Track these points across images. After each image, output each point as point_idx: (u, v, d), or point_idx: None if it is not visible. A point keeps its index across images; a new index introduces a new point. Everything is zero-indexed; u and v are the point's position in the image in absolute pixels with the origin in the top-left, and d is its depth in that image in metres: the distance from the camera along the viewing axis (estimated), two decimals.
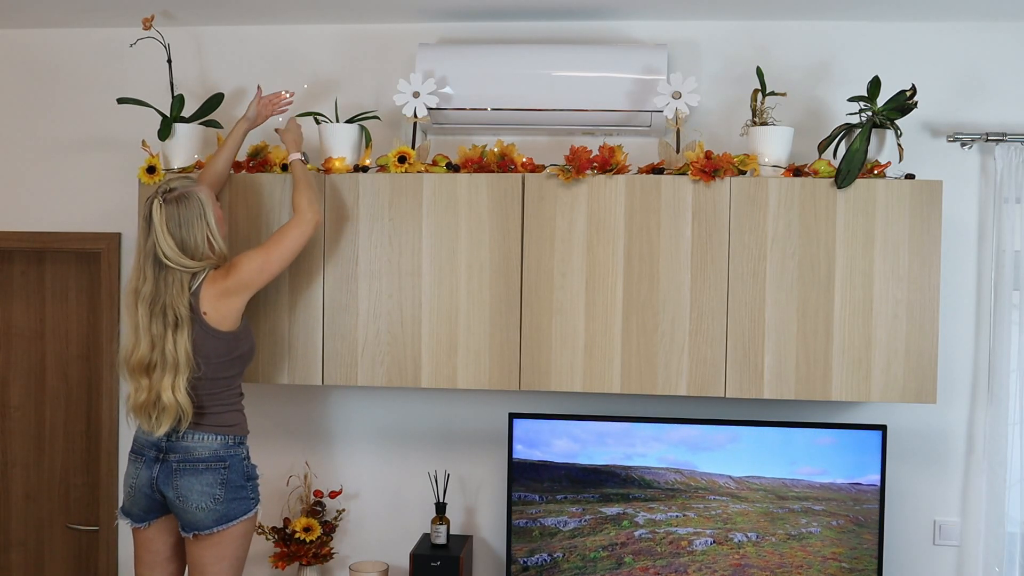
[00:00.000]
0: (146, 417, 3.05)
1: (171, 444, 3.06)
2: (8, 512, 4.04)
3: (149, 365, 3.02)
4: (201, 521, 3.04)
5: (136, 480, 3.10)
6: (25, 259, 4.00)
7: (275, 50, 3.78)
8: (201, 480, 3.04)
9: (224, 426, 3.11)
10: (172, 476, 3.05)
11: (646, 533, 3.42)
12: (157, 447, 3.07)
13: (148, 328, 3.02)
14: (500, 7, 3.51)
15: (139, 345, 3.03)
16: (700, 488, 3.41)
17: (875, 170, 3.24)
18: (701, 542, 3.40)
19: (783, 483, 3.38)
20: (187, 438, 3.06)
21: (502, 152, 3.36)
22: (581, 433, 3.45)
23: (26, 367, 4.02)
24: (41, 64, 3.89)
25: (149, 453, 3.08)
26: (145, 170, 3.43)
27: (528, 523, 3.46)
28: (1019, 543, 3.52)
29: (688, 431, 3.42)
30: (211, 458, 3.06)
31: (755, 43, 3.59)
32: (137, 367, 3.04)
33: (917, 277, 3.21)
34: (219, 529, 3.06)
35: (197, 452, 3.06)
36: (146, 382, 3.03)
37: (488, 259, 3.33)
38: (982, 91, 3.53)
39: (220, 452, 3.08)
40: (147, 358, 3.02)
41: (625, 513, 3.43)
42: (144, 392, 3.04)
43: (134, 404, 3.06)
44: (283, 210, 3.39)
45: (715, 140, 3.51)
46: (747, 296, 3.26)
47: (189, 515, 3.05)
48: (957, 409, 3.57)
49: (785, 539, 3.38)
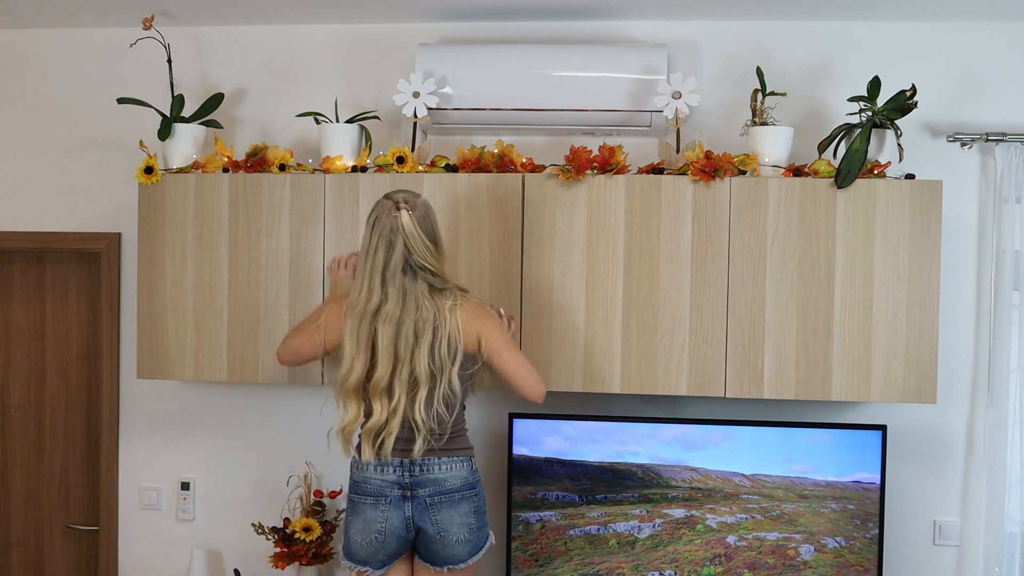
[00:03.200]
0: (379, 444, 2.90)
1: (417, 479, 2.95)
2: (8, 512, 4.04)
3: (390, 387, 2.89)
4: (458, 554, 2.97)
5: (386, 524, 2.95)
6: (25, 259, 4.00)
7: (275, 50, 3.78)
8: (459, 511, 2.96)
9: (467, 448, 3.04)
10: (428, 511, 2.95)
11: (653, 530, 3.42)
12: (400, 484, 2.95)
13: (392, 347, 2.88)
14: (500, 7, 3.51)
15: (376, 367, 2.89)
16: (715, 488, 3.40)
17: (875, 170, 3.24)
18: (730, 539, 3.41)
19: (791, 482, 3.38)
20: (433, 469, 2.95)
21: (501, 153, 3.36)
22: (583, 433, 3.44)
23: (26, 367, 4.02)
24: (41, 64, 3.89)
25: (391, 493, 2.95)
26: (143, 171, 3.44)
27: (532, 519, 3.46)
28: (1019, 543, 3.52)
29: (688, 430, 3.41)
30: (463, 487, 2.98)
31: (755, 43, 3.59)
32: (374, 390, 2.89)
33: (917, 277, 3.21)
34: (472, 560, 3.00)
35: (449, 483, 2.96)
36: (380, 406, 2.89)
37: (488, 259, 3.33)
38: (982, 91, 3.53)
39: (470, 479, 3.00)
40: (386, 379, 2.88)
41: (628, 513, 3.43)
42: (380, 415, 2.89)
43: (366, 430, 2.91)
44: (283, 209, 3.40)
45: (715, 140, 3.51)
46: (747, 296, 3.25)
47: (448, 549, 2.96)
48: (957, 409, 3.57)
49: (786, 536, 3.37)
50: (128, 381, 3.87)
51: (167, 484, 3.87)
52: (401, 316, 2.90)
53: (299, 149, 3.70)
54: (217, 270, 3.44)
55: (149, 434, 3.88)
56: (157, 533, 3.88)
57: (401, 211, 2.90)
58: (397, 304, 2.90)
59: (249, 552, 3.81)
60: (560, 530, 3.45)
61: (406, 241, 2.89)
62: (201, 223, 3.44)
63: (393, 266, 2.90)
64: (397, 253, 2.89)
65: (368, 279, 2.92)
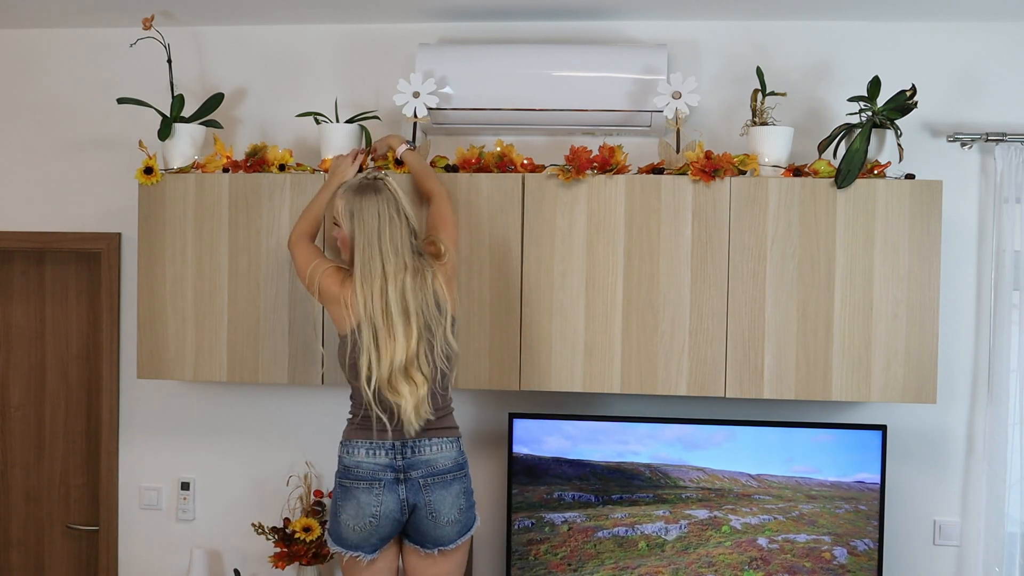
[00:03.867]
0: (419, 413, 2.93)
1: (409, 461, 2.97)
2: (8, 512, 4.04)
3: (417, 358, 2.94)
4: (448, 535, 2.99)
5: (381, 508, 2.96)
6: (25, 259, 4.00)
7: (275, 50, 3.78)
8: (451, 491, 2.98)
9: (454, 428, 3.07)
10: (421, 492, 2.96)
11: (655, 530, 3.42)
12: (392, 467, 2.97)
13: (404, 318, 2.93)
14: (500, 7, 3.51)
15: (399, 341, 2.92)
16: (725, 488, 3.39)
17: (875, 170, 3.24)
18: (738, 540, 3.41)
19: (796, 482, 3.37)
20: (424, 450, 2.97)
21: (501, 153, 3.36)
22: (584, 432, 3.44)
23: (26, 367, 4.02)
24: (41, 64, 3.89)
25: (385, 476, 2.97)
26: (143, 171, 3.44)
27: (532, 522, 3.47)
28: (1019, 543, 3.52)
29: (688, 430, 3.41)
30: (454, 467, 3.00)
31: (755, 43, 3.59)
32: (410, 363, 2.93)
33: (917, 277, 3.21)
34: (460, 541, 3.01)
35: (441, 463, 2.98)
36: (420, 377, 2.94)
37: (488, 259, 3.33)
38: (982, 91, 3.53)
39: (459, 460, 3.02)
40: (414, 351, 2.93)
41: (631, 513, 3.43)
42: (423, 386, 2.94)
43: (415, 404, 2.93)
44: (283, 209, 3.40)
45: (715, 140, 3.51)
46: (747, 296, 3.26)
47: (440, 530, 2.98)
48: (957, 409, 3.57)
49: (815, 539, 3.37)
50: (128, 381, 3.87)
51: (167, 484, 3.88)
52: (405, 288, 2.95)
53: (299, 149, 3.70)
54: (217, 270, 3.44)
55: (149, 434, 3.88)
56: (157, 533, 3.88)
57: (386, 181, 3.03)
58: (402, 275, 2.95)
59: (249, 552, 3.81)
60: (588, 532, 3.42)
61: (401, 210, 3.00)
62: (201, 223, 3.44)
63: (387, 240, 2.97)
64: (385, 224, 2.97)
65: (368, 255, 2.96)
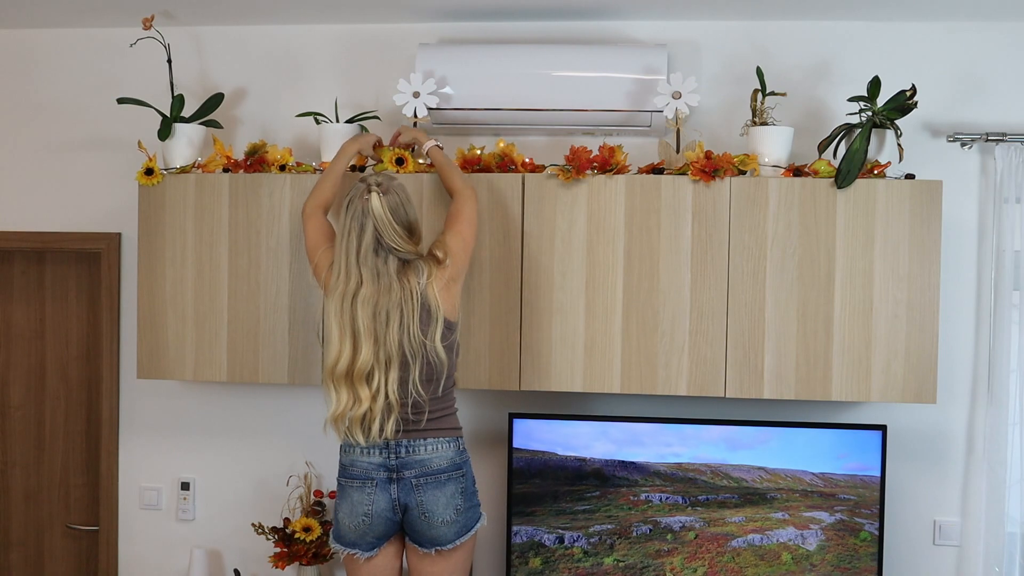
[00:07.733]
0: (366, 429, 2.92)
1: (402, 460, 2.96)
2: (8, 512, 4.04)
3: (371, 371, 2.91)
4: (444, 535, 2.97)
5: (372, 506, 2.97)
6: (25, 259, 4.00)
7: (275, 50, 3.78)
8: (445, 492, 2.97)
9: (454, 428, 3.05)
10: (414, 492, 2.95)
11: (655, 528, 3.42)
12: (385, 467, 2.97)
13: (371, 329, 2.90)
14: (500, 7, 3.51)
15: (359, 352, 2.90)
16: (789, 487, 3.37)
17: (875, 170, 3.24)
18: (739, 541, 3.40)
19: (798, 478, 3.37)
20: (418, 450, 2.96)
21: (501, 153, 3.36)
22: (627, 435, 3.42)
23: (26, 367, 4.02)
24: (41, 64, 3.90)
25: (378, 475, 2.97)
26: (143, 172, 3.44)
27: (534, 528, 3.47)
28: (1019, 543, 3.52)
29: (690, 430, 3.41)
30: (450, 468, 2.99)
31: (755, 43, 3.59)
32: (359, 375, 2.90)
33: (917, 277, 3.21)
34: (460, 542, 3.00)
35: (435, 464, 2.97)
36: (366, 392, 2.90)
37: (488, 259, 3.33)
38: (982, 91, 3.53)
39: (456, 460, 3.00)
40: (369, 364, 2.90)
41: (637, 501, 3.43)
42: (367, 401, 2.90)
43: (353, 416, 2.91)
44: (283, 209, 3.40)
45: (715, 140, 3.52)
46: (747, 296, 3.26)
47: (434, 530, 2.97)
48: (957, 409, 3.57)
49: (786, 534, 3.37)
50: (128, 381, 3.87)
51: (167, 484, 3.88)
52: (377, 299, 2.93)
53: (299, 149, 3.70)
54: (217, 270, 3.44)
55: (149, 434, 3.88)
56: (157, 533, 3.88)
57: (372, 194, 2.95)
58: (373, 286, 2.93)
59: (249, 552, 3.81)
60: (720, 540, 3.34)
61: (376, 224, 2.93)
62: (201, 223, 3.44)
63: (364, 248, 2.94)
64: (368, 235, 2.94)
65: (344, 263, 2.95)
